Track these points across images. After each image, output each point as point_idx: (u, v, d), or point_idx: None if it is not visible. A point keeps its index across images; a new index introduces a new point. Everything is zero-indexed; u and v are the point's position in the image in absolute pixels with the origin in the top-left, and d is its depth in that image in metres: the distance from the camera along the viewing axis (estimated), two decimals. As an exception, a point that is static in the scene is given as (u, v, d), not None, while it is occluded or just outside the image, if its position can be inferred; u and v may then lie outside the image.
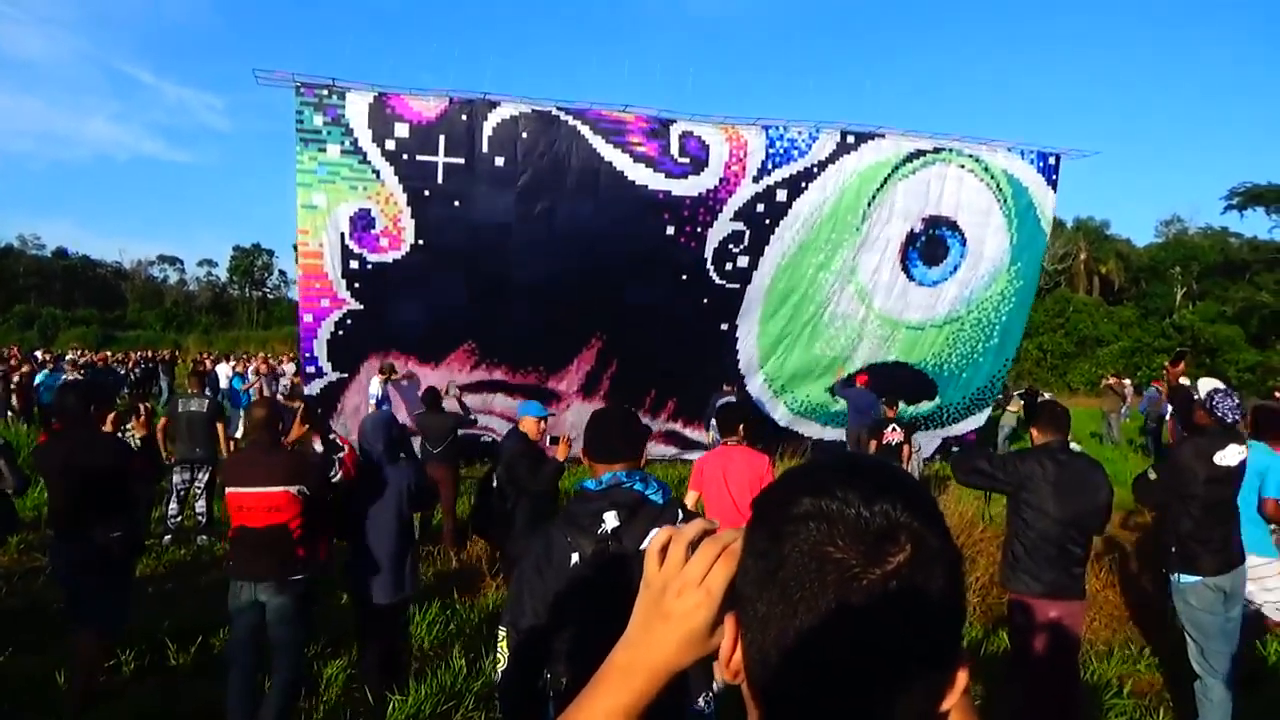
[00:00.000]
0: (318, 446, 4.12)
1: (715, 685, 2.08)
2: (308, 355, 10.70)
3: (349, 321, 10.53)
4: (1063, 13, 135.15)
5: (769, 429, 12.02)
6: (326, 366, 10.70)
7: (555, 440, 5.59)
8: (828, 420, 12.55)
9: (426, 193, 10.28)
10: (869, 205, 11.53)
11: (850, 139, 11.35)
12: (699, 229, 11.06)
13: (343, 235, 10.21)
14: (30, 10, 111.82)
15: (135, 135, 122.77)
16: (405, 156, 10.16)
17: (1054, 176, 12.26)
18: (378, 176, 10.13)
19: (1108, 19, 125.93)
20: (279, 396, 14.57)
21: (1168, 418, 12.83)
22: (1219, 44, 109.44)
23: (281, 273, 68.05)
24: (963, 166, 11.85)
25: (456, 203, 10.39)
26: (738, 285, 11.49)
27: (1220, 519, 4.04)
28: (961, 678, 0.64)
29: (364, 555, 4.02)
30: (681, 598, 0.74)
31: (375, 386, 10.23)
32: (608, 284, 10.80)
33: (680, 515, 2.08)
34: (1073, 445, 4.12)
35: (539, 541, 2.09)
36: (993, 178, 11.99)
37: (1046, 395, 18.50)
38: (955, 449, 13.44)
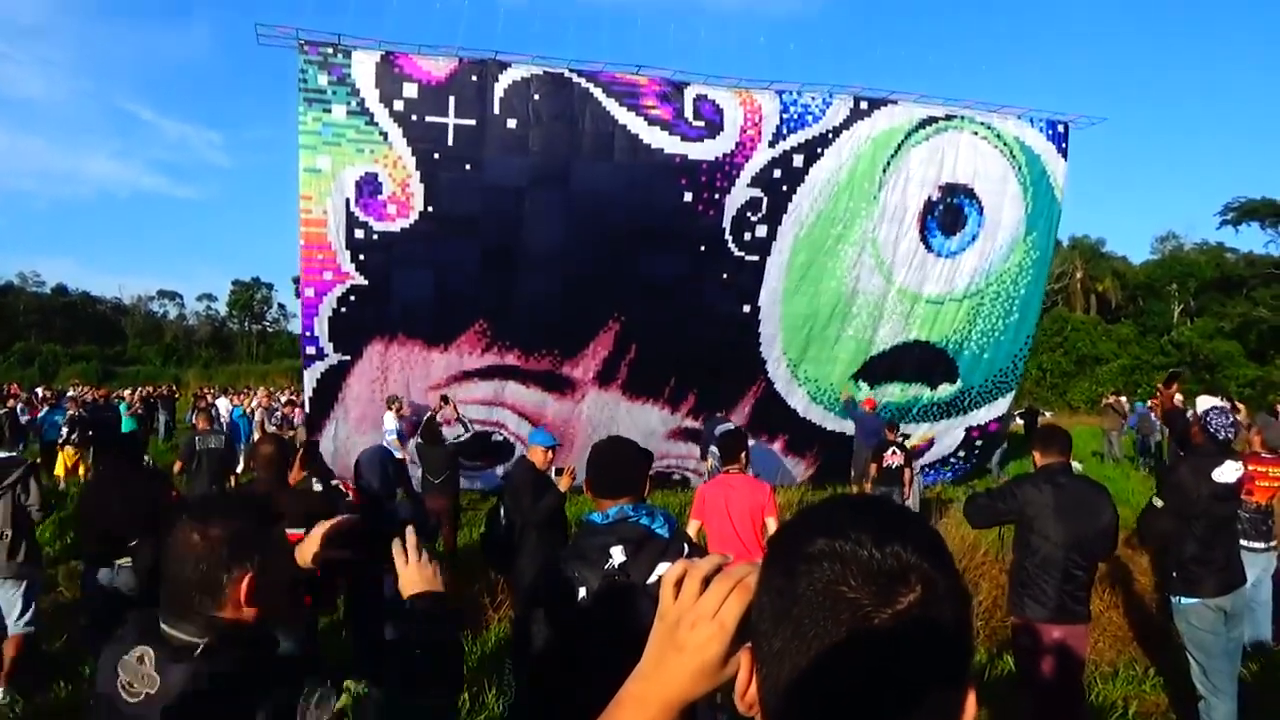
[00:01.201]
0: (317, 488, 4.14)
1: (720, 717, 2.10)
2: (308, 334, 10.20)
3: (352, 298, 9.98)
4: (1062, 10, 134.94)
5: (787, 417, 11.79)
6: (328, 347, 10.14)
7: (560, 472, 5.57)
8: (843, 412, 12.05)
9: (436, 155, 9.86)
10: (884, 172, 11.22)
11: (864, 105, 11.12)
12: (716, 196, 10.68)
13: (348, 201, 9.70)
14: (30, 51, 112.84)
15: (136, 172, 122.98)
16: (414, 117, 9.74)
17: (1063, 145, 12.02)
18: (385, 138, 9.71)
19: (1106, 19, 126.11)
20: (272, 427, 14.58)
21: (1164, 437, 12.84)
22: (1211, 57, 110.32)
23: (281, 306, 68.20)
24: (975, 133, 11.59)
25: (467, 166, 9.98)
26: (757, 257, 11.04)
27: (1222, 538, 4.07)
28: (970, 710, 0.66)
29: (362, 593, 4.03)
30: (695, 630, 0.77)
31: (390, 421, 9.71)
32: (625, 254, 10.39)
33: (686, 549, 2.11)
34: (1075, 466, 4.14)
35: (545, 576, 2.11)
36: (1006, 145, 11.71)
37: (1047, 415, 18.58)
38: (979, 443, 13.14)
